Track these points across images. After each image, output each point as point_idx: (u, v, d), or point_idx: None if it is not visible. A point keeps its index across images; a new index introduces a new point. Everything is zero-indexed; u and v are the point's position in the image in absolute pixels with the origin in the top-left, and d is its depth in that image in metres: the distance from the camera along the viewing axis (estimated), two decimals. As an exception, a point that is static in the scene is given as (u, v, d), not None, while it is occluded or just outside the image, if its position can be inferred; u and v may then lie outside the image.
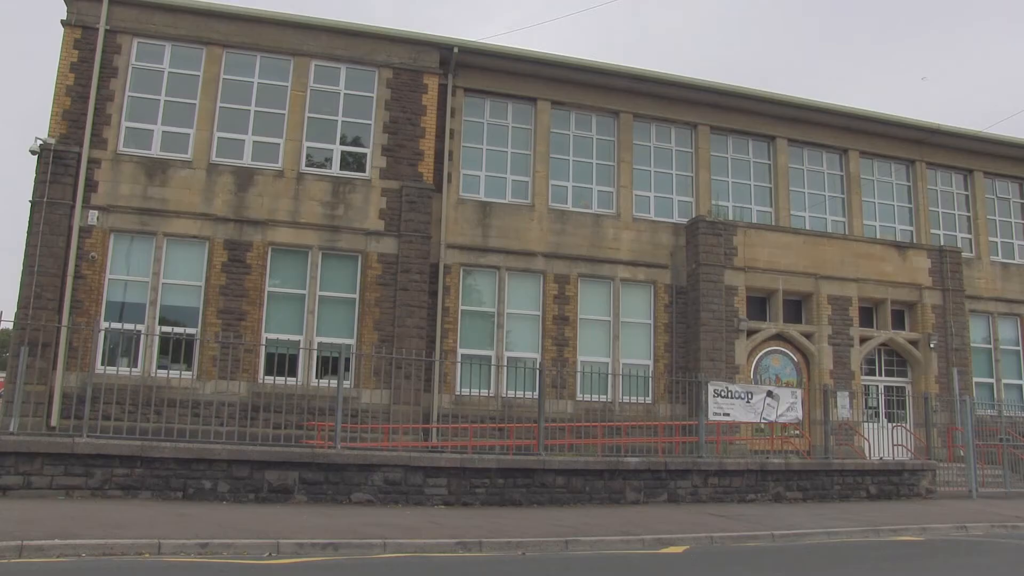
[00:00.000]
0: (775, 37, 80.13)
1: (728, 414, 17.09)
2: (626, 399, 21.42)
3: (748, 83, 74.91)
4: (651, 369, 22.06)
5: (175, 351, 18.06)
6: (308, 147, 20.24)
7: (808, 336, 22.90)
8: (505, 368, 20.27)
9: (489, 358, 20.80)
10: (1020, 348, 26.25)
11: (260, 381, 18.60)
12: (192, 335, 18.51)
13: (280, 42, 20.30)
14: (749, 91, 23.74)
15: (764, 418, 17.53)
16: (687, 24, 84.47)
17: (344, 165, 20.43)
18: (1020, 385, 26.01)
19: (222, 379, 17.89)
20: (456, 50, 21.14)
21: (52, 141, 18.49)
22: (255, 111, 20.09)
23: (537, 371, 16.59)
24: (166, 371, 17.36)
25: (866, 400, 23.48)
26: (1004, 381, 25.76)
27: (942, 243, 25.41)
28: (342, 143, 20.53)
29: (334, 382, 15.74)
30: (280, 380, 18.39)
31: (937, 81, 77.86)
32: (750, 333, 22.32)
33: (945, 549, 11.70)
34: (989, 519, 15.00)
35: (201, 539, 9.29)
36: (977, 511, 16.19)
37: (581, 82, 22.74)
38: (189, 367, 18.45)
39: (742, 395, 17.26)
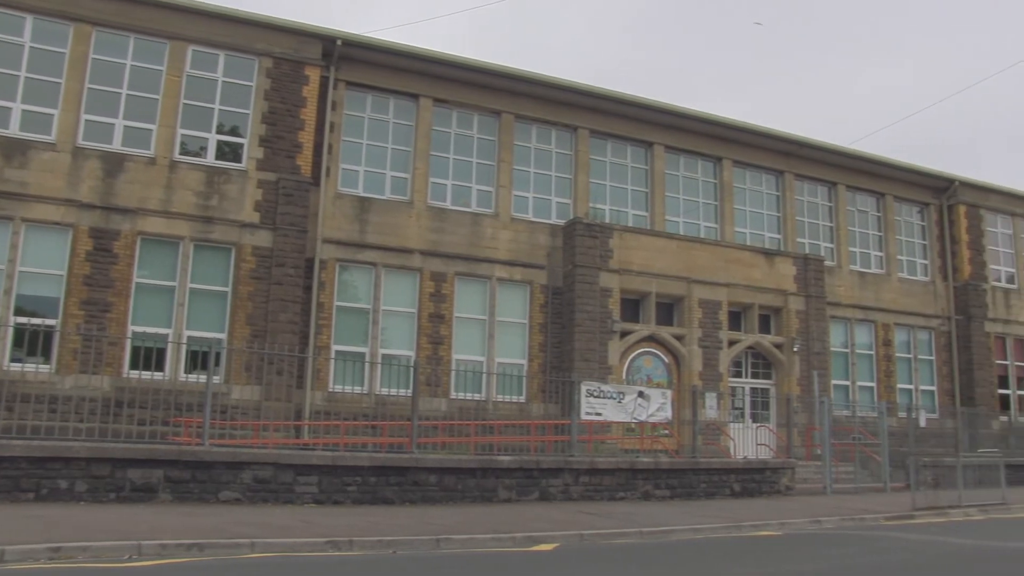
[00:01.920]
0: (709, 47, 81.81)
1: (600, 414, 17.43)
2: (500, 398, 21.59)
3: (693, 95, 76.42)
4: (526, 368, 22.26)
5: (32, 343, 17.14)
6: (183, 134, 19.57)
7: (679, 338, 23.55)
8: (379, 365, 20.14)
9: (363, 355, 20.57)
10: (873, 352, 27.75)
11: (125, 375, 17.84)
12: (51, 326, 17.61)
13: (156, 24, 19.51)
14: (629, 97, 24.22)
15: (635, 418, 17.96)
16: (590, 28, 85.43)
17: (220, 155, 19.85)
18: (872, 387, 27.47)
19: (83, 373, 17.15)
20: (339, 42, 20.83)
21: (-102, 117, 17.30)
22: (127, 94, 19.27)
23: (411, 369, 16.54)
24: (20, 364, 16.50)
25: (733, 401, 24.31)
26: (859, 383, 27.18)
27: (807, 251, 26.61)
28: (218, 132, 19.95)
29: (203, 377, 15.29)
30: (147, 375, 17.62)
31: (881, 94, 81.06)
32: (623, 334, 22.80)
33: (800, 542, 12.26)
34: (840, 513, 15.82)
35: (53, 543, 8.85)
36: (831, 506, 17.02)
37: (464, 80, 22.73)
38: (47, 360, 17.57)
39: (614, 395, 17.64)
